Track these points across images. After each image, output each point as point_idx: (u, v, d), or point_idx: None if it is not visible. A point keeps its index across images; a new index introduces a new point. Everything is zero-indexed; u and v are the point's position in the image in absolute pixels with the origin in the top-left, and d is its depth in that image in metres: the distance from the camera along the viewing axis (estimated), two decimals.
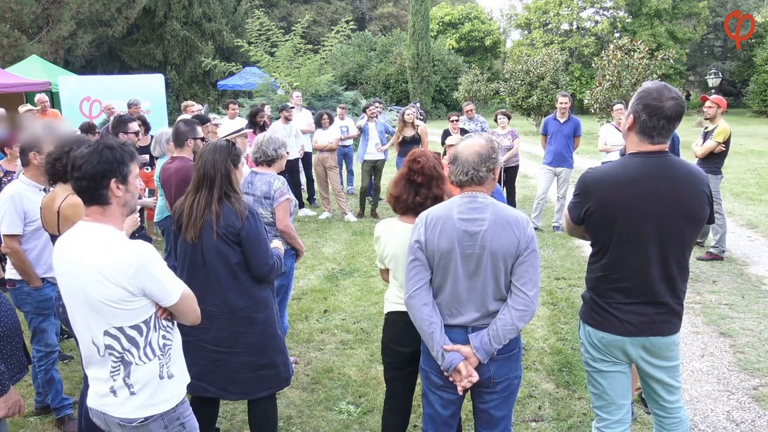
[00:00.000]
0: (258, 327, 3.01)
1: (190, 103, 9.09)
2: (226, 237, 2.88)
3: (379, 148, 9.20)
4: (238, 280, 2.95)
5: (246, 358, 3.00)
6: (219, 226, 2.87)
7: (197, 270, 2.94)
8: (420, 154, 2.84)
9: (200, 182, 2.94)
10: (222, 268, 2.91)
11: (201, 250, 2.91)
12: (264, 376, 3.05)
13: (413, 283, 2.44)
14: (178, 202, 3.08)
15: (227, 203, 2.91)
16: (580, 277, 6.41)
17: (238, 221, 2.88)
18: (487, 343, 2.37)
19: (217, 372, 3.00)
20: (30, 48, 20.21)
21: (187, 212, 2.93)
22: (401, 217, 2.86)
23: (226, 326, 2.96)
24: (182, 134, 4.40)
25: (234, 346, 2.98)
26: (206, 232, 2.88)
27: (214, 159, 2.94)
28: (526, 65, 24.71)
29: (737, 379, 4.17)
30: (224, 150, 2.99)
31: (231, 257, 2.91)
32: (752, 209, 9.39)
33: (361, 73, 35.55)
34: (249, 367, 3.01)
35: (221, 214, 2.88)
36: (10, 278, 3.67)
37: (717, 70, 25.57)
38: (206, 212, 2.89)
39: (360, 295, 5.91)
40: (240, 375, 3.01)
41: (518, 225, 2.36)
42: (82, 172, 2.01)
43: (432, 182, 2.78)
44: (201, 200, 2.91)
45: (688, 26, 40.34)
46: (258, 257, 2.94)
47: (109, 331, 2.04)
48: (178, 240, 3.07)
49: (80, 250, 2.02)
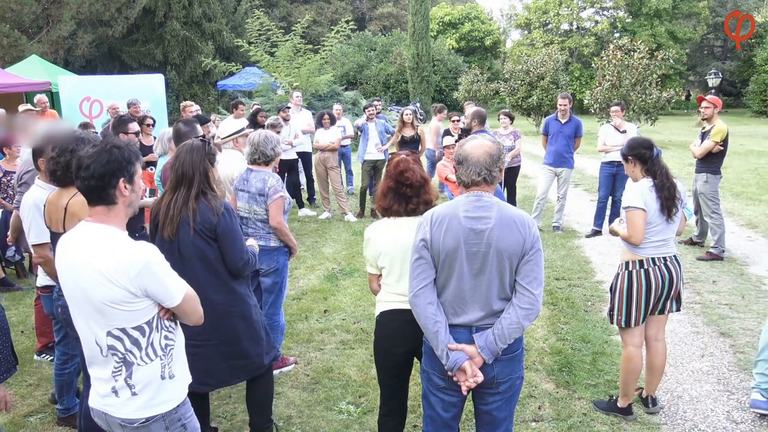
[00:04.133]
0: (233, 319, 3.12)
1: (188, 104, 9.08)
2: (203, 233, 2.96)
3: (379, 148, 9.21)
4: (215, 275, 3.03)
5: (222, 348, 3.11)
6: (196, 222, 2.95)
7: (174, 267, 2.94)
8: (405, 168, 2.88)
9: (179, 181, 3.01)
10: (199, 264, 2.99)
11: (178, 247, 2.98)
12: (237, 365, 3.17)
13: (418, 281, 2.44)
14: (154, 201, 3.17)
15: (203, 200, 2.99)
16: (580, 277, 6.42)
17: (214, 217, 2.97)
18: (492, 342, 2.37)
19: (195, 365, 3.03)
20: (30, 48, 20.19)
21: (164, 210, 3.01)
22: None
23: (204, 320, 2.99)
24: (183, 135, 4.39)
25: (211, 339, 3.08)
26: (183, 228, 2.96)
27: (192, 158, 3.01)
28: (526, 65, 24.71)
29: (737, 379, 4.17)
30: (201, 149, 3.06)
31: (208, 253, 2.99)
32: (752, 209, 9.39)
33: (361, 73, 35.54)
34: (223, 356, 3.12)
35: (198, 211, 2.96)
36: (46, 284, 3.71)
37: (717, 70, 25.61)
38: (183, 210, 2.96)
39: (360, 295, 5.91)
40: (215, 365, 3.12)
41: (523, 224, 2.37)
42: (91, 171, 2.00)
43: (420, 191, 2.86)
44: (178, 198, 2.99)
45: (688, 26, 40.31)
46: (233, 252, 3.02)
47: (112, 332, 2.04)
48: (155, 238, 3.13)
49: (83, 251, 2.02)
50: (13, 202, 5.42)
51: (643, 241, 3.47)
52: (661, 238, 3.50)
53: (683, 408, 3.82)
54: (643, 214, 3.43)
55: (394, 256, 2.84)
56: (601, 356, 4.51)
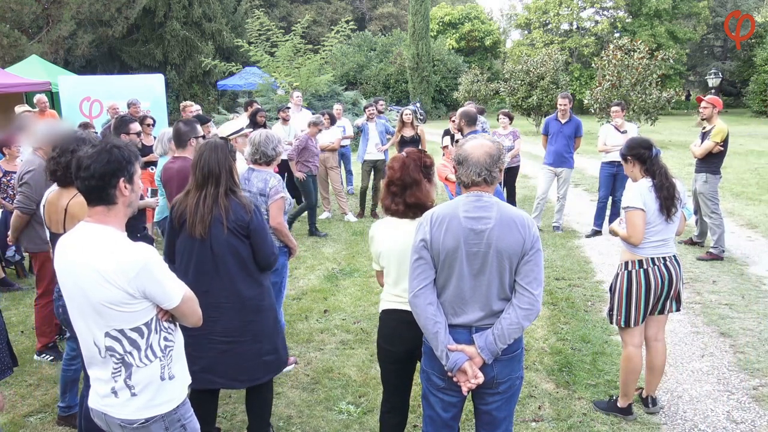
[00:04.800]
0: (264, 314, 3.15)
1: (189, 104, 9.08)
2: (236, 230, 3.00)
3: (380, 148, 9.21)
4: (247, 271, 3.07)
5: (254, 346, 3.11)
6: (229, 220, 2.97)
7: (205, 264, 3.02)
8: (390, 164, 2.87)
9: (205, 179, 3.02)
10: (232, 261, 3.02)
11: (210, 245, 2.99)
12: (268, 361, 3.17)
13: (418, 281, 2.44)
14: (177, 200, 3.14)
15: (234, 198, 3.03)
16: (580, 277, 6.42)
17: (247, 215, 3.01)
18: (492, 342, 2.37)
19: (226, 362, 3.09)
20: (30, 48, 20.19)
21: (193, 209, 3.00)
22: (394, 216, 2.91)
23: (237, 316, 3.06)
24: (184, 134, 4.40)
25: (243, 335, 3.08)
26: (215, 227, 2.97)
27: (217, 157, 3.04)
28: (526, 65, 24.70)
29: (737, 379, 4.17)
30: (224, 147, 3.10)
31: (240, 249, 3.03)
32: (752, 209, 9.39)
33: (361, 73, 35.54)
34: (256, 353, 3.12)
35: (230, 209, 2.98)
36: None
37: (717, 70, 25.61)
38: (214, 208, 2.98)
39: (360, 295, 5.91)
40: (248, 363, 3.11)
41: (523, 224, 2.37)
42: (91, 171, 2.00)
43: (407, 190, 2.80)
44: (207, 197, 2.99)
45: (688, 26, 40.30)
46: (265, 247, 3.09)
47: (110, 333, 2.04)
48: (173, 238, 3.13)
49: (81, 252, 2.02)
50: (13, 202, 5.41)
51: (642, 241, 3.47)
52: (661, 238, 3.50)
53: (683, 408, 3.82)
54: (643, 214, 3.43)
55: (390, 258, 2.85)
56: (601, 356, 4.51)
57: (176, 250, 3.13)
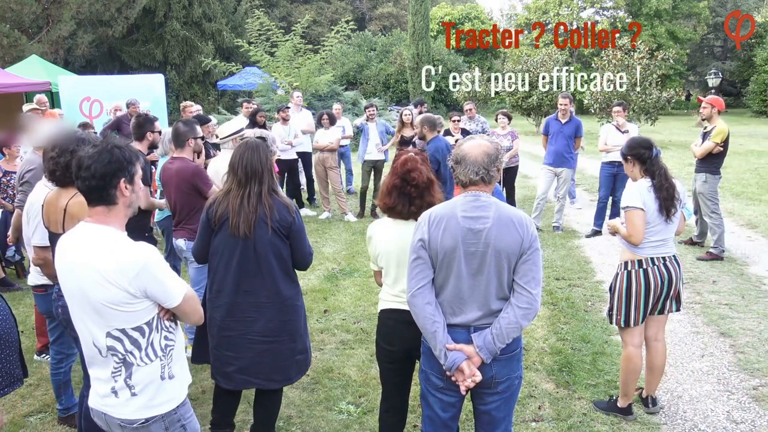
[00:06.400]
0: (299, 314, 3.20)
1: (189, 104, 9.08)
2: (279, 231, 3.02)
3: (380, 148, 9.21)
4: (287, 271, 3.12)
5: (290, 345, 3.15)
6: (273, 220, 2.98)
7: (248, 264, 3.02)
8: (412, 167, 2.84)
9: (248, 178, 3.00)
10: (275, 261, 3.04)
11: (254, 244, 2.98)
12: (300, 360, 3.22)
13: (416, 281, 2.44)
14: (215, 199, 3.10)
15: (277, 197, 3.04)
16: (580, 277, 6.42)
17: (290, 215, 3.03)
18: (491, 342, 2.37)
19: (264, 362, 3.10)
20: (30, 48, 20.18)
21: (236, 208, 2.98)
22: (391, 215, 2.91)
23: (277, 315, 3.08)
24: (182, 134, 4.39)
25: (281, 335, 3.11)
26: (260, 226, 2.97)
27: (259, 156, 3.04)
28: (526, 65, 24.68)
29: (737, 379, 4.17)
30: (265, 147, 3.11)
31: (282, 250, 3.06)
32: (752, 209, 9.39)
33: (361, 73, 35.50)
34: (291, 352, 3.16)
35: (274, 208, 3.00)
36: (41, 284, 3.68)
37: (717, 70, 25.59)
38: (259, 207, 2.97)
39: (360, 295, 5.91)
40: (284, 362, 3.14)
41: (521, 224, 2.37)
42: (92, 171, 2.00)
43: (425, 192, 2.83)
44: (251, 195, 2.98)
45: (688, 26, 40.30)
46: (305, 247, 3.14)
47: (112, 332, 2.04)
48: (208, 238, 3.09)
49: (82, 252, 2.02)
50: (13, 202, 5.41)
51: (642, 240, 3.47)
52: (660, 238, 3.50)
53: (683, 408, 3.82)
54: (642, 213, 3.43)
55: (389, 259, 2.85)
56: (601, 356, 4.51)
57: (213, 250, 3.10)
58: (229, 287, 3.03)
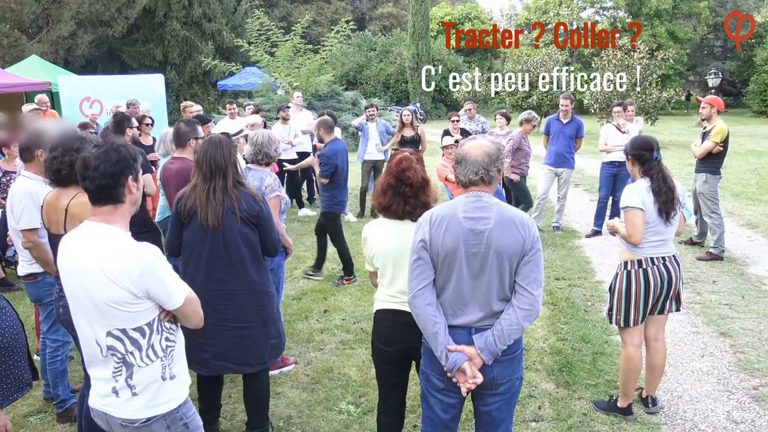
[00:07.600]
0: (271, 299, 3.33)
1: (189, 104, 9.09)
2: (248, 219, 3.15)
3: (380, 148, 9.21)
4: (257, 258, 3.24)
5: (263, 329, 3.27)
6: (241, 210, 3.10)
7: (218, 253, 3.14)
8: (406, 166, 2.85)
9: (212, 173, 3.12)
10: (245, 249, 3.17)
11: (223, 235, 3.11)
12: (274, 344, 3.35)
13: (417, 282, 2.43)
14: (182, 194, 3.24)
15: (242, 189, 3.16)
16: (580, 277, 6.42)
17: (257, 205, 3.17)
18: (492, 343, 2.37)
19: (239, 347, 3.22)
20: (30, 48, 20.19)
21: (203, 201, 3.10)
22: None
23: (249, 302, 3.20)
24: (184, 134, 4.40)
25: (255, 320, 3.23)
26: (228, 217, 3.08)
27: (222, 151, 3.15)
28: (526, 65, 24.68)
29: (737, 379, 4.17)
30: (228, 142, 3.23)
31: (252, 238, 3.18)
32: (752, 209, 9.39)
33: (361, 73, 35.51)
34: (266, 337, 3.28)
35: (241, 199, 3.11)
36: (30, 272, 3.70)
37: (717, 70, 25.57)
38: (225, 199, 3.10)
39: (360, 295, 5.91)
40: (258, 346, 3.26)
41: (523, 225, 2.37)
42: (101, 170, 2.01)
43: (420, 192, 2.84)
44: (216, 189, 3.11)
45: (688, 26, 40.29)
46: (272, 234, 3.27)
47: (112, 332, 2.04)
48: (178, 232, 3.22)
49: (86, 251, 2.02)
50: None
51: (642, 240, 3.47)
52: (660, 238, 3.51)
53: (683, 408, 3.82)
54: (642, 213, 3.43)
55: (386, 259, 2.84)
56: (601, 356, 4.51)
57: (185, 243, 3.23)
58: (201, 277, 3.15)
